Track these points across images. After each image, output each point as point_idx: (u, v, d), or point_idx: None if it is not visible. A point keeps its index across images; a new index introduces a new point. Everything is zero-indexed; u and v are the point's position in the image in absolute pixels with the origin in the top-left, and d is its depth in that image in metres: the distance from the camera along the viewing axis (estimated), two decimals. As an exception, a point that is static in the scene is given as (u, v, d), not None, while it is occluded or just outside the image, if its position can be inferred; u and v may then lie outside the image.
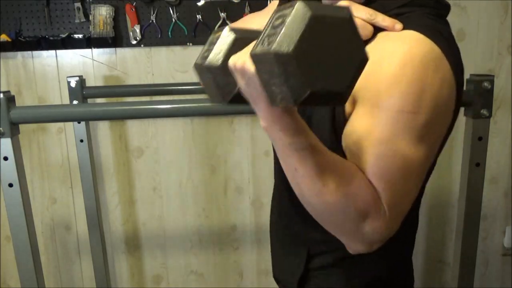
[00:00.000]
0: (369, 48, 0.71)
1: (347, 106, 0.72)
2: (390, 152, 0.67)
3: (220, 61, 0.62)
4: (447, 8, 0.79)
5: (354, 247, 0.70)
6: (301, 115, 0.76)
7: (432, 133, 0.70)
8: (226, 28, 0.63)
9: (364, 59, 0.54)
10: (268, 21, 0.53)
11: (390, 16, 0.72)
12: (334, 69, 0.51)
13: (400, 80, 0.66)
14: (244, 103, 0.63)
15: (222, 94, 0.64)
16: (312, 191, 0.64)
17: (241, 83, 0.58)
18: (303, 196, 0.66)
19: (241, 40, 0.61)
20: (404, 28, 0.70)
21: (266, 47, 0.51)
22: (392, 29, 0.70)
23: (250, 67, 0.54)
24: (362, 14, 0.71)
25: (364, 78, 0.69)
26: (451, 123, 0.76)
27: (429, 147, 0.70)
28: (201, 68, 0.65)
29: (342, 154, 0.72)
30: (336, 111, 0.73)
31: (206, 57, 0.64)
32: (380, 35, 0.71)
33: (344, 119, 0.73)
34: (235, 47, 0.61)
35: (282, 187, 0.92)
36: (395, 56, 0.67)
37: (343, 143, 0.73)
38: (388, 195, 0.67)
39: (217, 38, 0.64)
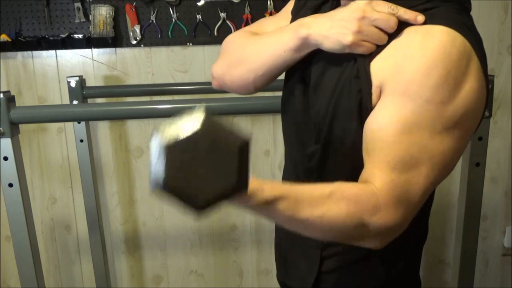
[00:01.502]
0: (396, 42, 0.71)
1: (374, 98, 0.72)
2: (410, 141, 0.68)
3: None
4: (470, 2, 0.79)
5: (368, 246, 0.71)
6: (325, 111, 0.77)
7: (460, 126, 0.69)
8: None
9: (236, 187, 0.55)
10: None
11: (417, 11, 0.72)
12: (201, 182, 0.54)
13: (431, 72, 0.66)
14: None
15: None
16: (301, 228, 0.69)
17: None
18: (301, 233, 0.71)
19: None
20: (431, 23, 0.70)
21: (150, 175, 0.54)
22: (414, 21, 0.70)
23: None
24: (383, 9, 0.71)
25: (393, 70, 0.69)
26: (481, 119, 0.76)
27: (457, 140, 0.70)
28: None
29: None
30: (363, 104, 0.73)
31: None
32: (408, 29, 0.71)
33: (372, 110, 0.73)
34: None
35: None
36: (426, 49, 0.67)
37: (364, 132, 0.73)
38: (398, 186, 0.68)
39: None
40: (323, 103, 0.78)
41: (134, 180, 2.11)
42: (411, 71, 0.67)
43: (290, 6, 0.94)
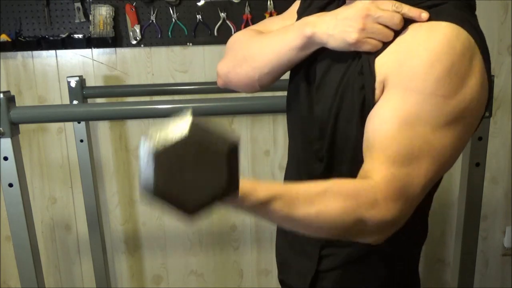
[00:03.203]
0: (401, 38, 0.71)
1: (378, 93, 0.72)
2: (412, 133, 0.67)
3: None
4: (474, 1, 0.79)
5: (368, 241, 0.70)
6: (329, 108, 0.77)
7: (462, 121, 0.69)
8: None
9: (226, 189, 0.55)
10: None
11: (422, 8, 0.72)
12: (191, 186, 0.54)
13: (435, 66, 0.66)
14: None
15: None
16: (296, 226, 0.67)
17: None
18: (297, 231, 0.69)
19: None
20: (437, 19, 0.70)
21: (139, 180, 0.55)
22: (419, 18, 0.71)
23: None
24: (388, 7, 0.71)
25: (396, 65, 0.70)
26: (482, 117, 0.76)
27: (457, 136, 0.70)
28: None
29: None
30: (366, 102, 0.73)
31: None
32: (413, 26, 0.71)
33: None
34: None
35: None
36: (430, 43, 0.68)
37: (366, 125, 0.72)
38: (398, 180, 0.67)
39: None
40: (328, 100, 0.78)
41: (134, 180, 2.11)
42: (415, 65, 0.68)
43: (296, 6, 0.94)
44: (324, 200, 0.64)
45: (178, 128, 0.54)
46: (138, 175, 0.54)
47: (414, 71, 0.68)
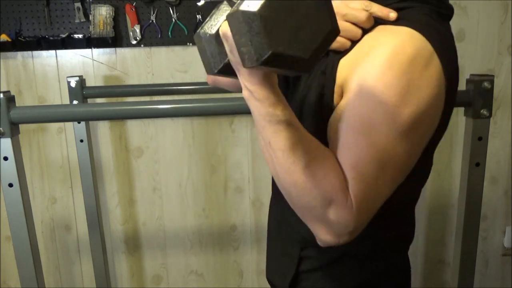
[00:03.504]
0: (364, 40, 0.72)
1: (336, 97, 0.72)
2: (367, 143, 0.66)
3: (213, 30, 0.62)
4: (449, 9, 0.78)
5: (321, 236, 0.68)
6: (295, 107, 0.77)
7: (415, 131, 0.68)
8: (225, 1, 0.64)
9: (333, 31, 0.55)
10: None
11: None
12: (300, 35, 0.53)
13: (386, 72, 0.66)
14: (233, 74, 0.63)
15: (213, 64, 0.65)
16: (282, 167, 0.65)
17: (227, 49, 0.59)
18: (276, 174, 0.67)
19: None
20: (400, 24, 0.70)
21: (236, 7, 0.53)
22: (387, 18, 0.71)
23: (228, 29, 0.56)
24: (357, 6, 0.72)
25: (352, 68, 0.70)
26: (442, 124, 0.75)
27: (411, 145, 0.69)
28: (198, 36, 0.66)
29: (326, 145, 0.71)
30: (324, 101, 0.73)
31: (203, 27, 0.65)
32: (378, 28, 0.72)
33: (332, 110, 0.72)
34: None
35: (279, 188, 0.92)
36: (385, 48, 0.67)
37: (328, 132, 0.72)
38: (359, 186, 0.66)
39: (217, 10, 0.65)
40: (296, 99, 0.79)
41: (134, 180, 2.11)
42: (367, 72, 0.67)
43: None
44: (321, 161, 0.64)
45: None
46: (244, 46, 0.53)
47: (367, 77, 0.67)
